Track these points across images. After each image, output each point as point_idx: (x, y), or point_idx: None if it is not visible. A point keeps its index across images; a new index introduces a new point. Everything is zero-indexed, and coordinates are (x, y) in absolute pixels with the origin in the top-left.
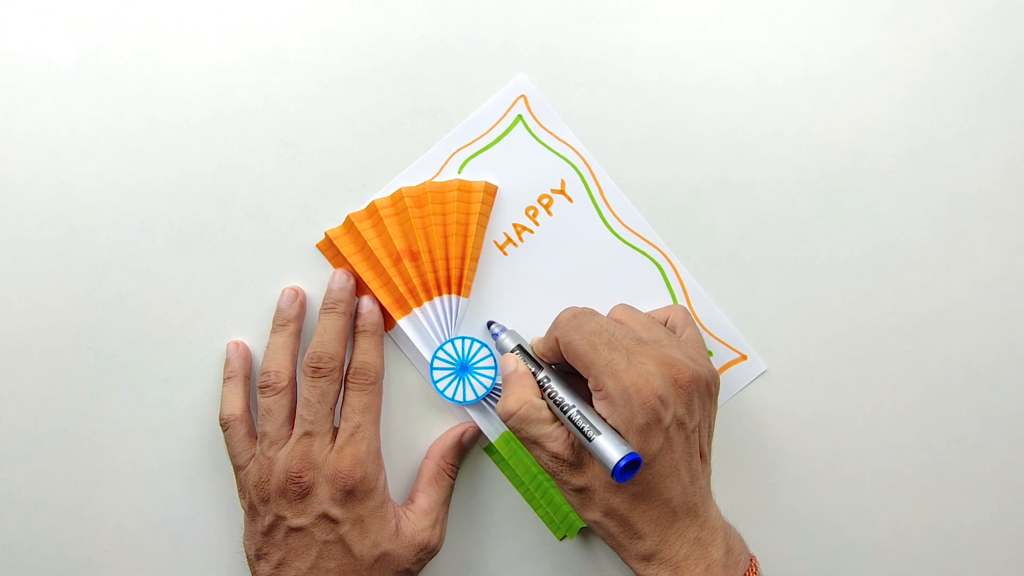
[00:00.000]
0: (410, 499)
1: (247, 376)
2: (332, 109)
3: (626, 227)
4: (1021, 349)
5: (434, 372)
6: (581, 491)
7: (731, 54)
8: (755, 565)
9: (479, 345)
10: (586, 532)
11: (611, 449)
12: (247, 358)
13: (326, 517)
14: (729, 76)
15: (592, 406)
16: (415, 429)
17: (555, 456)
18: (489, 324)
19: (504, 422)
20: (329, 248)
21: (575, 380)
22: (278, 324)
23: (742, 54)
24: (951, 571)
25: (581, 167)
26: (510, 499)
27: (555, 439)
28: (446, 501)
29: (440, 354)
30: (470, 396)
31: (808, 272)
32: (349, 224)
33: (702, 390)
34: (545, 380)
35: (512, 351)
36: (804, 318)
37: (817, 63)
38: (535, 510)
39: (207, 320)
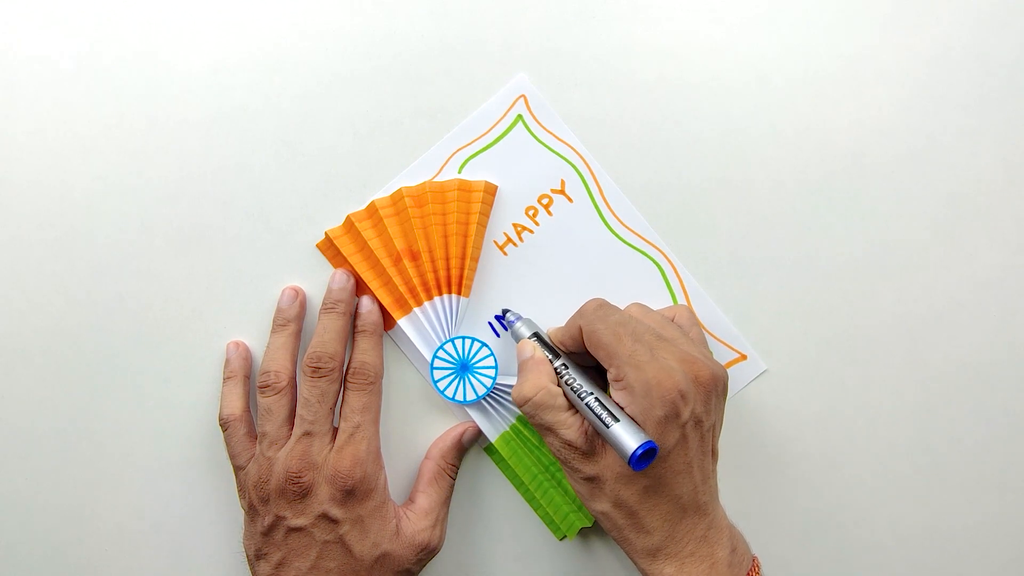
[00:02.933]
0: (410, 499)
1: (247, 376)
2: (332, 109)
3: (626, 227)
4: (1021, 349)
5: (434, 372)
6: (591, 480)
7: (731, 54)
8: (757, 566)
9: (479, 345)
10: (586, 532)
11: (629, 436)
12: (247, 358)
13: (326, 517)
14: (729, 76)
15: (609, 396)
16: (415, 429)
17: (568, 444)
18: (504, 312)
19: (519, 407)
20: (329, 248)
21: (591, 371)
22: (278, 324)
23: (742, 54)
24: (951, 571)
25: (581, 167)
26: (510, 499)
27: (569, 426)
28: (446, 501)
29: (440, 354)
30: (470, 396)
31: (808, 272)
32: (349, 224)
33: (719, 390)
34: (563, 367)
35: (528, 339)
36: (804, 318)
37: (817, 63)
38: (535, 510)
39: (207, 320)
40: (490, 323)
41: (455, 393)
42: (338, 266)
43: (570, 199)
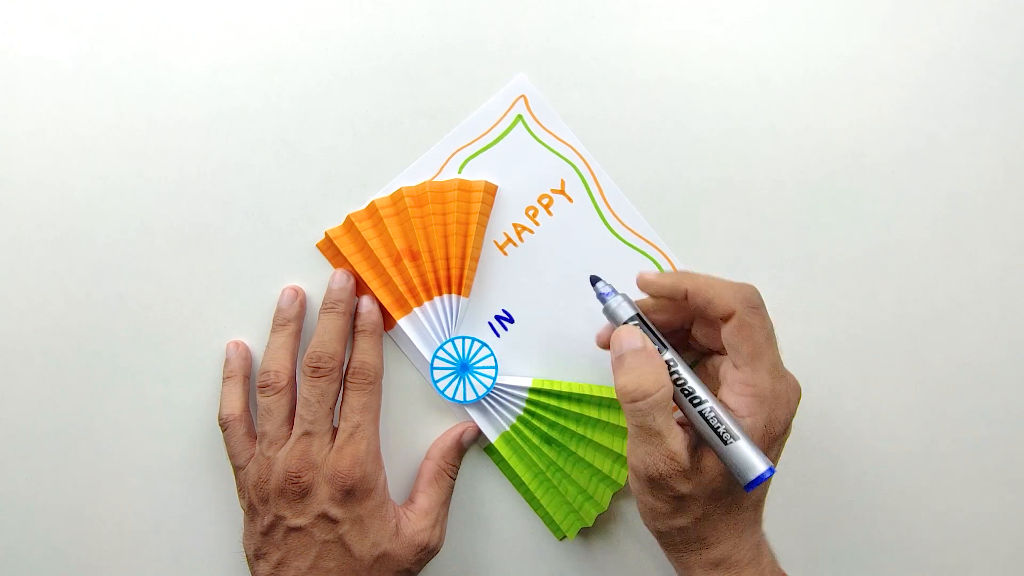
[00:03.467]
0: (410, 499)
1: (247, 376)
2: (332, 109)
3: (626, 227)
4: (1021, 349)
5: (434, 372)
6: (681, 498)
7: (731, 54)
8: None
9: (479, 345)
10: (586, 532)
11: (755, 458)
12: (247, 358)
13: (325, 517)
14: (729, 76)
15: (719, 399)
16: (415, 429)
17: (671, 456)
18: (595, 281)
19: (628, 402)
20: (329, 248)
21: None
22: (278, 324)
23: (742, 54)
24: (951, 570)
25: (581, 167)
26: (510, 499)
27: (676, 435)
28: (446, 501)
29: (440, 354)
30: (470, 396)
31: (808, 272)
32: (349, 224)
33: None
34: (672, 363)
35: (629, 321)
36: (804, 318)
37: (817, 63)
38: (535, 510)
39: (207, 320)
40: (490, 323)
41: (455, 393)
42: (338, 266)
43: (570, 199)
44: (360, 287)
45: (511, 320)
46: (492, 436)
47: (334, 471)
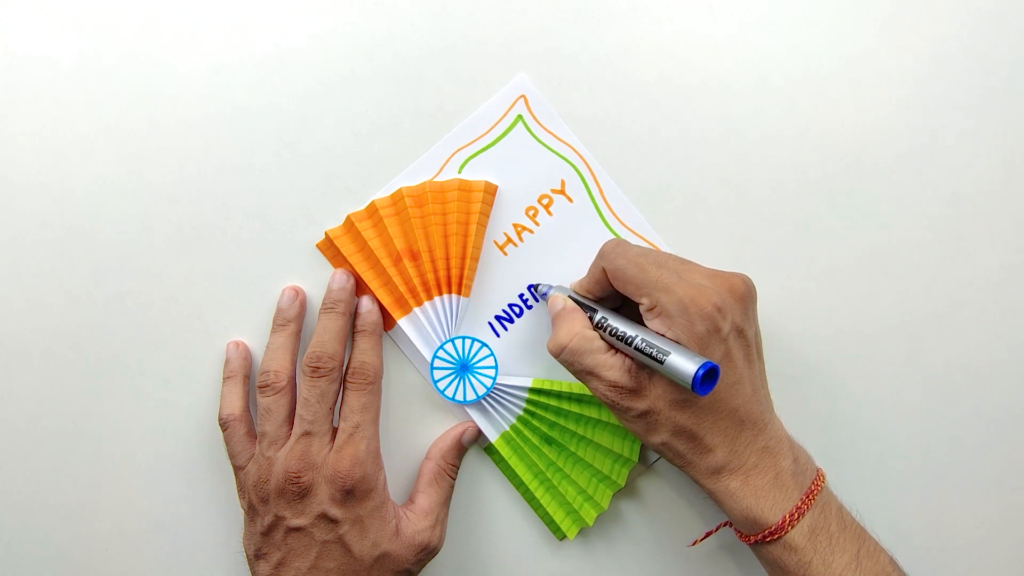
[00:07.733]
0: (410, 499)
1: (247, 376)
2: (332, 109)
3: (626, 227)
4: (1021, 349)
5: (434, 372)
6: (645, 415)
7: (731, 54)
8: (822, 476)
9: (479, 345)
10: (586, 532)
11: (688, 362)
12: (247, 358)
13: (325, 517)
14: (729, 76)
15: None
16: (415, 429)
17: (613, 385)
18: (536, 286)
19: (556, 357)
20: (329, 248)
21: (627, 314)
22: (278, 324)
23: (742, 54)
24: (951, 571)
25: (581, 167)
26: (510, 499)
27: (611, 367)
28: (446, 501)
29: (440, 354)
30: (470, 396)
31: (808, 272)
32: (349, 224)
33: (752, 297)
34: (603, 320)
35: (554, 292)
36: (804, 318)
37: (817, 63)
38: (535, 510)
39: (207, 320)
40: (490, 323)
41: (455, 393)
42: (338, 266)
43: (570, 199)
44: (360, 287)
45: (511, 320)
46: (492, 436)
47: (334, 471)
